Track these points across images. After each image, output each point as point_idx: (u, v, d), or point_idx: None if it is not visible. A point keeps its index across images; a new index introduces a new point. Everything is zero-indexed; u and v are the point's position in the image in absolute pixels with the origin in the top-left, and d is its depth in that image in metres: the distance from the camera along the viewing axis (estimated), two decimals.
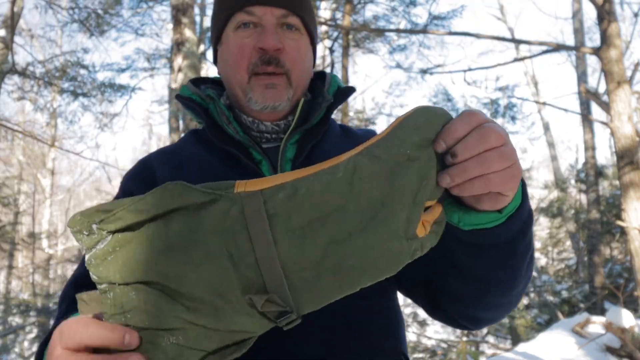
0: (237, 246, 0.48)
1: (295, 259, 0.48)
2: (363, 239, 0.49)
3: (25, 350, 8.67)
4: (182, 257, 0.48)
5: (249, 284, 0.48)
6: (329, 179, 0.50)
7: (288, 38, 0.80)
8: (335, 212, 0.49)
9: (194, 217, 0.49)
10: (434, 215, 0.53)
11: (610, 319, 4.35)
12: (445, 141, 0.50)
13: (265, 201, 0.49)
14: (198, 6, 9.24)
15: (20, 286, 13.41)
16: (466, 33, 5.68)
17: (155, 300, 0.47)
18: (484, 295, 0.69)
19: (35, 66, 7.74)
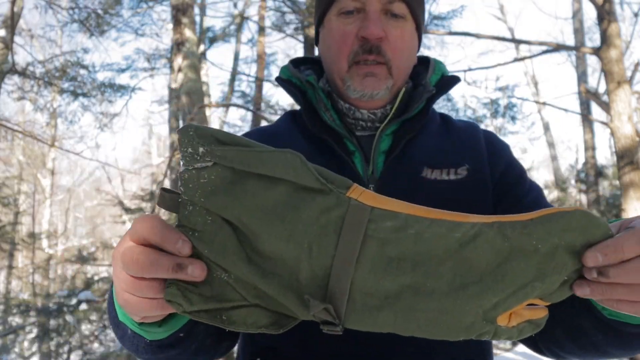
0: (320, 246, 0.47)
1: (368, 285, 0.47)
2: (442, 302, 0.46)
3: (25, 350, 8.67)
4: (267, 225, 0.47)
5: (314, 281, 0.47)
6: (444, 234, 0.47)
7: (392, 26, 0.76)
8: (430, 264, 0.47)
9: (297, 196, 0.48)
10: (533, 314, 0.48)
11: None
12: (604, 256, 0.43)
13: (371, 220, 0.47)
14: (198, 6, 9.24)
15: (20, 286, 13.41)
16: (466, 33, 5.68)
17: (225, 237, 0.47)
18: (589, 357, 0.67)
19: (35, 66, 7.74)
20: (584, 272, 0.45)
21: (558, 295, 0.47)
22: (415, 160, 0.77)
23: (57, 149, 10.51)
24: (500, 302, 0.46)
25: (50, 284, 11.93)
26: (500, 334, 0.48)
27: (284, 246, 0.47)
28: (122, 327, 0.58)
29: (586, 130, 8.70)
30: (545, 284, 0.45)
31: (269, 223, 0.47)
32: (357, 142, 0.77)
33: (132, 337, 0.58)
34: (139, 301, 0.48)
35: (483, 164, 0.78)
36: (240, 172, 0.47)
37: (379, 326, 0.48)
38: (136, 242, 0.48)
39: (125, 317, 0.55)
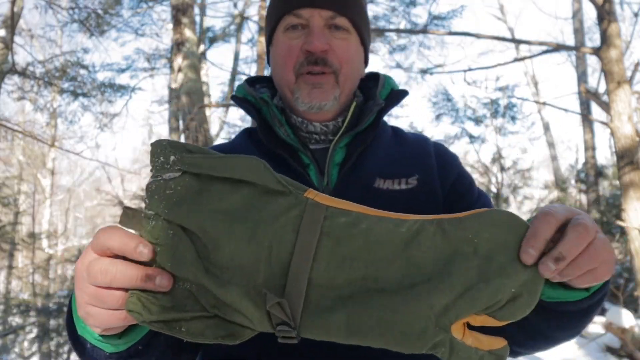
0: (280, 244, 0.48)
1: (323, 282, 0.48)
2: (393, 300, 0.47)
3: (25, 350, 8.67)
4: (230, 227, 0.49)
5: (272, 281, 0.48)
6: (391, 229, 0.49)
7: (336, 38, 0.80)
8: (381, 261, 0.48)
9: (260, 198, 0.50)
10: (492, 344, 0.49)
11: (610, 319, 4.35)
12: (533, 247, 0.47)
13: (326, 217, 0.49)
14: (198, 6, 9.24)
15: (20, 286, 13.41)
16: (466, 33, 5.68)
17: (185, 249, 0.48)
18: (542, 346, 0.71)
19: (35, 66, 7.74)
20: (543, 271, 0.47)
21: (508, 313, 0.48)
22: (368, 171, 0.80)
23: (57, 149, 10.52)
24: (450, 306, 0.47)
25: (50, 284, 11.93)
26: (457, 350, 0.48)
27: (245, 247, 0.48)
28: (81, 341, 0.59)
29: (586, 130, 8.70)
30: (490, 287, 0.47)
31: (231, 225, 0.49)
32: (311, 155, 0.80)
33: (91, 351, 0.58)
34: (101, 312, 0.49)
35: (433, 174, 0.82)
36: (206, 179, 0.50)
37: (333, 330, 0.48)
38: (99, 253, 0.49)
39: (84, 331, 0.56)
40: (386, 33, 9.10)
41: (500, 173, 9.78)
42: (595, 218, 8.21)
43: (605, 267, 0.50)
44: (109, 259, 0.48)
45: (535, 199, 11.14)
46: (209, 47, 9.77)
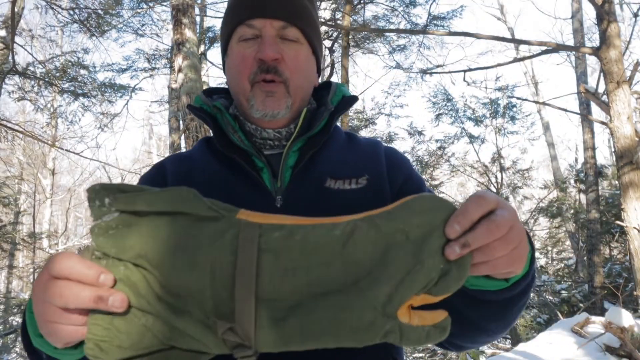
0: (221, 267, 0.50)
1: (270, 297, 0.50)
2: (338, 299, 0.50)
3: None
4: (172, 257, 0.51)
5: (221, 306, 0.50)
6: (325, 234, 0.52)
7: (287, 48, 0.83)
8: (321, 266, 0.51)
9: (194, 226, 0.52)
10: (434, 317, 0.52)
11: (609, 318, 4.36)
12: (459, 224, 0.51)
13: (261, 235, 0.51)
14: (198, 6, 9.24)
15: (21, 286, 13.41)
16: (466, 33, 5.69)
17: (137, 281, 0.50)
18: (477, 337, 0.75)
19: (35, 66, 7.75)
20: (448, 254, 0.50)
21: (442, 287, 0.51)
22: (319, 172, 0.83)
23: (58, 149, 10.52)
24: (393, 294, 0.50)
25: None
26: (406, 333, 0.50)
27: (189, 276, 0.50)
28: (37, 352, 0.61)
29: (586, 130, 8.71)
30: (424, 267, 0.50)
31: (173, 255, 0.51)
32: (265, 160, 0.84)
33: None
34: (62, 329, 0.51)
35: (382, 174, 0.86)
36: (143, 214, 0.52)
37: (290, 340, 0.50)
38: (54, 276, 0.50)
39: (40, 344, 0.58)
40: (386, 33, 9.11)
41: (499, 173, 9.79)
42: (595, 218, 8.22)
43: (506, 261, 0.54)
44: (64, 281, 0.50)
45: (535, 199, 11.15)
46: (209, 47, 9.77)
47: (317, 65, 0.91)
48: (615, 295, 6.24)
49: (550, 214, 10.55)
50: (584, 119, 8.60)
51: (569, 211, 10.26)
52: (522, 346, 4.68)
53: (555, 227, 11.15)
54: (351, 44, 8.79)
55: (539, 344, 4.54)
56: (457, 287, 0.52)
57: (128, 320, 0.50)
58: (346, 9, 7.74)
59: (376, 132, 10.36)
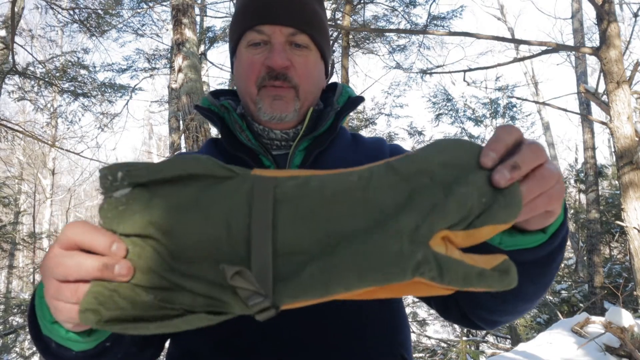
0: (236, 220, 0.48)
1: (288, 244, 0.47)
2: (363, 239, 0.46)
3: (25, 350, 8.67)
4: (184, 216, 0.48)
5: (238, 259, 0.47)
6: (342, 180, 0.49)
7: (296, 55, 0.83)
8: (341, 215, 0.48)
9: (208, 187, 0.50)
10: (489, 261, 0.46)
11: (609, 318, 4.36)
12: (495, 150, 0.47)
13: (276, 186, 0.49)
14: (198, 6, 9.24)
15: (21, 286, 13.41)
16: (466, 33, 5.68)
17: (147, 257, 0.48)
18: (514, 306, 0.70)
19: (35, 66, 7.75)
20: (498, 180, 0.46)
21: (488, 217, 0.45)
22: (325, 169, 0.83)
23: (58, 149, 10.52)
24: (420, 223, 0.45)
25: None
26: (447, 265, 0.44)
27: (201, 230, 0.48)
28: (45, 339, 0.58)
29: (585, 130, 8.71)
30: (456, 196, 0.45)
31: (185, 214, 0.48)
32: (272, 159, 0.84)
33: (56, 350, 0.58)
34: (67, 307, 0.48)
35: None
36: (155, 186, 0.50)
37: (309, 287, 0.45)
38: (65, 248, 0.48)
39: (49, 330, 0.56)
40: (386, 33, 9.11)
41: None
42: (595, 218, 8.22)
43: (557, 194, 0.49)
44: (68, 251, 0.47)
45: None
46: (209, 47, 9.77)
47: (325, 69, 0.92)
48: (615, 295, 6.24)
49: None
50: (584, 119, 8.60)
51: (568, 211, 10.26)
52: (522, 346, 4.68)
53: None
54: (351, 44, 8.78)
55: (539, 344, 4.54)
56: (506, 219, 0.45)
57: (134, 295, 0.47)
58: (346, 9, 7.74)
59: (376, 132, 10.36)
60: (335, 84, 0.94)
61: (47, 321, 0.55)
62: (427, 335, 8.41)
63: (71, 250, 0.48)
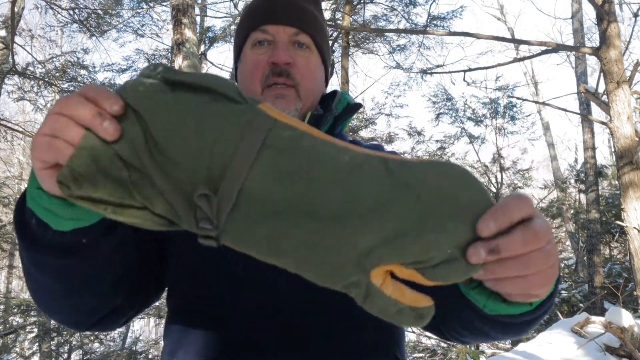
0: (224, 145, 0.48)
1: (257, 194, 0.47)
2: (321, 226, 0.45)
3: (25, 350, 8.68)
4: (180, 118, 0.49)
5: (210, 179, 0.48)
6: (334, 154, 0.48)
7: (299, 54, 0.86)
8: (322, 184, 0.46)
9: (217, 101, 0.50)
10: (416, 300, 0.45)
11: (609, 318, 4.36)
12: (497, 222, 0.43)
13: (271, 129, 0.49)
14: (198, 6, 9.24)
15: (21, 286, 13.41)
16: (466, 33, 5.69)
17: (135, 135, 0.49)
18: (481, 341, 0.76)
19: (35, 66, 7.75)
20: (470, 256, 0.43)
21: (440, 274, 0.44)
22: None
23: None
24: (376, 248, 0.44)
25: None
26: (373, 296, 0.44)
27: (190, 139, 0.48)
28: (26, 222, 0.58)
29: (586, 131, 8.71)
30: (422, 239, 0.43)
31: (183, 117, 0.49)
32: None
33: (35, 228, 0.57)
34: (48, 144, 0.48)
35: None
36: (177, 88, 0.51)
37: (253, 242, 0.46)
38: (73, 100, 0.50)
39: (33, 198, 0.54)
40: (386, 33, 9.11)
41: (500, 173, 9.79)
42: (595, 218, 8.22)
43: (540, 279, 0.47)
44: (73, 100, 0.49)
45: (535, 199, 11.14)
46: (209, 47, 9.77)
47: (325, 74, 0.95)
48: (615, 295, 6.25)
49: (550, 214, 10.55)
50: (584, 119, 8.60)
51: (569, 211, 10.26)
52: (522, 346, 4.68)
53: (555, 227, 11.15)
54: (351, 44, 8.78)
55: (539, 344, 4.54)
56: (458, 281, 0.45)
57: (111, 166, 0.48)
58: (346, 9, 7.74)
59: (376, 132, 10.36)
60: (334, 91, 0.97)
61: (34, 187, 0.54)
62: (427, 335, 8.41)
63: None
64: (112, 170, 0.48)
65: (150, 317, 9.55)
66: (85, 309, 0.69)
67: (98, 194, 0.48)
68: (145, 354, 8.81)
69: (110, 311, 0.72)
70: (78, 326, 0.73)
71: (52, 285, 0.63)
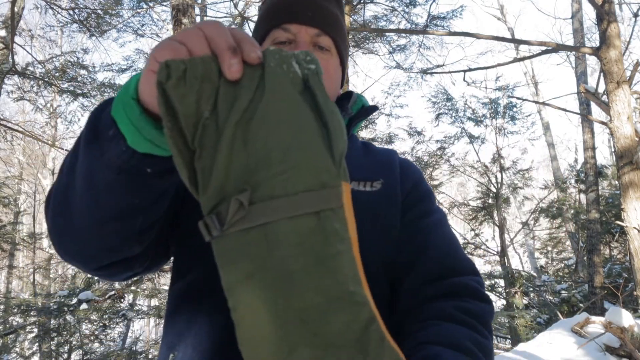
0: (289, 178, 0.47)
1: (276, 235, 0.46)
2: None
3: (25, 350, 8.68)
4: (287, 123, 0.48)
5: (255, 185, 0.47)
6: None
7: (319, 57, 0.84)
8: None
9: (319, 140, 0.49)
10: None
11: (609, 318, 4.36)
12: None
13: (333, 209, 0.48)
14: (198, 6, 9.24)
15: (21, 286, 13.41)
16: (466, 33, 5.69)
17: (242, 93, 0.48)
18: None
19: (35, 66, 7.75)
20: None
21: None
22: None
23: (58, 149, 10.52)
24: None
25: (51, 283, 11.93)
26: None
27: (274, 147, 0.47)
28: (100, 129, 0.57)
29: (586, 130, 8.71)
30: None
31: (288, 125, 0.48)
32: None
33: (109, 139, 0.55)
34: (176, 48, 0.48)
35: (396, 180, 0.89)
36: (307, 90, 0.50)
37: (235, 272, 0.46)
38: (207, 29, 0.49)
39: (123, 107, 0.53)
40: (386, 33, 9.11)
41: (500, 173, 9.79)
42: (595, 218, 8.22)
43: None
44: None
45: (535, 199, 11.14)
46: None
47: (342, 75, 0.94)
48: (615, 295, 6.25)
49: (550, 214, 10.55)
50: (584, 119, 8.60)
51: (569, 211, 10.26)
52: (522, 346, 4.68)
53: (555, 227, 11.15)
54: (351, 44, 8.79)
55: (539, 344, 4.54)
56: None
57: (205, 97, 0.47)
58: (346, 9, 7.74)
59: (376, 133, 10.36)
60: (350, 92, 0.97)
61: (130, 96, 0.53)
62: None
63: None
64: (202, 101, 0.47)
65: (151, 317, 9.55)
66: (105, 245, 0.66)
67: (178, 105, 0.46)
68: (145, 354, 8.81)
69: (124, 258, 0.71)
70: (88, 262, 0.70)
71: (90, 203, 0.61)
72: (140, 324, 15.59)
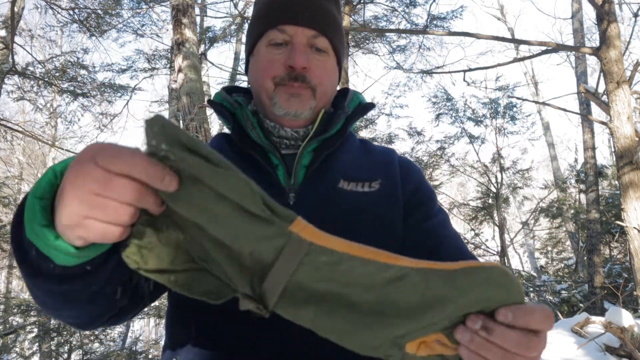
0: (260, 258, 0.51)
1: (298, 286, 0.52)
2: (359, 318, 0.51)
3: (25, 350, 8.67)
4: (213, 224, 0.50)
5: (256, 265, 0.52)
6: (372, 272, 0.50)
7: (315, 59, 0.84)
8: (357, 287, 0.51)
9: (242, 216, 0.49)
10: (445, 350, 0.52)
11: (609, 318, 4.36)
12: (514, 316, 0.48)
13: (308, 254, 0.50)
14: (198, 6, 9.24)
15: (21, 286, 13.41)
16: (466, 33, 5.68)
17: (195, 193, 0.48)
18: None
19: (35, 66, 7.75)
20: (468, 321, 0.49)
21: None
22: (333, 173, 0.85)
23: (58, 149, 10.52)
24: (409, 333, 0.51)
25: None
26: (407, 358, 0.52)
27: (227, 244, 0.51)
28: (25, 248, 0.55)
29: (586, 131, 8.70)
30: (451, 323, 0.51)
31: (215, 224, 0.49)
32: (280, 157, 0.85)
33: (35, 259, 0.54)
34: (99, 226, 0.46)
35: (395, 181, 0.87)
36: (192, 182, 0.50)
37: (300, 317, 0.53)
38: (112, 172, 0.45)
39: (36, 234, 0.51)
40: (386, 33, 9.10)
41: (500, 173, 9.79)
42: (595, 218, 8.22)
43: None
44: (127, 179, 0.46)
45: (535, 199, 11.14)
46: (209, 47, 9.76)
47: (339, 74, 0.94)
48: (615, 295, 6.24)
49: (550, 214, 10.55)
50: (584, 119, 8.59)
51: (569, 211, 10.26)
52: None
53: (555, 227, 11.15)
54: (351, 44, 8.79)
55: None
56: None
57: (170, 234, 0.51)
58: (346, 9, 7.74)
59: (376, 133, 10.36)
60: (346, 89, 0.96)
61: (37, 224, 0.50)
62: None
63: (122, 177, 0.46)
64: (173, 235, 0.51)
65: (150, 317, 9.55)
66: (94, 314, 0.67)
67: (164, 265, 0.52)
68: (145, 354, 8.80)
69: (119, 310, 0.71)
70: (87, 327, 0.72)
71: (57, 304, 0.62)
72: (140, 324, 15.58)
